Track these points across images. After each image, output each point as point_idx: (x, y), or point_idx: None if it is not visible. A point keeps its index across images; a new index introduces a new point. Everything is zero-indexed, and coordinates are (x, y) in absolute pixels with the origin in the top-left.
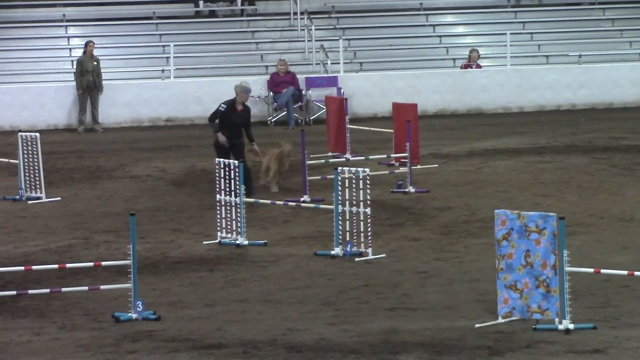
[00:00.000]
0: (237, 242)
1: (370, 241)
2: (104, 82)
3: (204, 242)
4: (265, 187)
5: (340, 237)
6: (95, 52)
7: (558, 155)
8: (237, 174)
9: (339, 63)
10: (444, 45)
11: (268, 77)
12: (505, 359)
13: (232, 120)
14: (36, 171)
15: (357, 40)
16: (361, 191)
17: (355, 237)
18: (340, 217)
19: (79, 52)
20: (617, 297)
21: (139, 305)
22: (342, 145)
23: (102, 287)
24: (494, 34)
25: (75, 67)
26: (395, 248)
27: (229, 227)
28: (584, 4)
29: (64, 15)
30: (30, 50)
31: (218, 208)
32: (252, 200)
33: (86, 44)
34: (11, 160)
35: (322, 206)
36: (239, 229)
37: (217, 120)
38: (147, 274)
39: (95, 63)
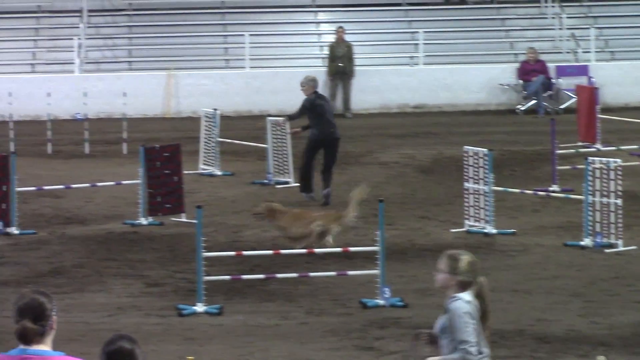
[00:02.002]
0: (485, 230)
1: (621, 233)
2: (355, 68)
3: (452, 230)
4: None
5: (590, 228)
6: (345, 38)
7: None
8: (485, 162)
9: (590, 52)
10: None
11: (518, 65)
12: None
13: None
14: (285, 156)
15: (609, 29)
16: (612, 182)
17: (605, 228)
18: (590, 208)
19: (328, 38)
20: None
21: (387, 291)
22: (593, 135)
23: (349, 272)
24: None
25: (327, 52)
26: None
27: (477, 215)
28: None
29: (313, 0)
30: (280, 35)
31: (466, 196)
32: (501, 188)
33: (336, 30)
34: (260, 145)
35: (571, 196)
36: (487, 218)
37: None
38: (395, 261)
39: (346, 48)
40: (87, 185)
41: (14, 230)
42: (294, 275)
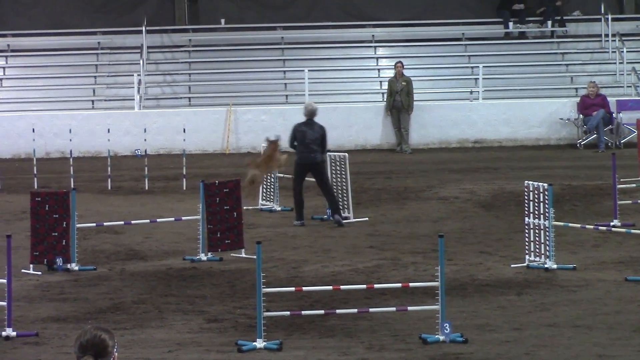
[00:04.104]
0: (546, 265)
1: None
2: (414, 103)
3: (512, 265)
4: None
5: None
6: (404, 73)
7: None
8: (546, 197)
9: None
10: None
11: (578, 99)
12: None
13: None
14: (344, 191)
15: None
16: None
17: None
18: None
19: (387, 73)
20: None
21: (447, 327)
22: None
23: (409, 308)
24: None
25: (385, 87)
26: None
27: (537, 250)
28: None
29: (373, 36)
30: (340, 70)
31: (527, 231)
32: (561, 223)
33: (395, 65)
34: None
35: (633, 231)
36: (547, 253)
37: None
38: (455, 296)
39: (404, 83)
40: (147, 221)
41: (74, 266)
42: (354, 310)
